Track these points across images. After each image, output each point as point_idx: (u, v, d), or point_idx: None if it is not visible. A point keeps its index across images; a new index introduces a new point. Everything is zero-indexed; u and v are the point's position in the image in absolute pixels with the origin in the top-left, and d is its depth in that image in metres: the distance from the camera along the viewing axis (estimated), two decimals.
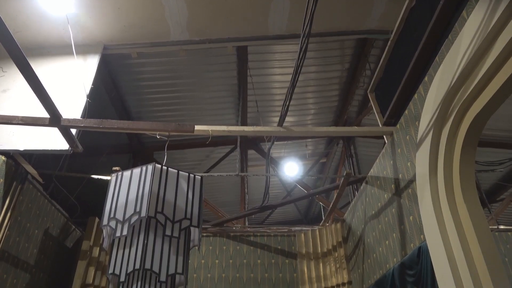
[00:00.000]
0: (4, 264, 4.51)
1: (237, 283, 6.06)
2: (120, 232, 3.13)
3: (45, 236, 5.42)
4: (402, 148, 3.87)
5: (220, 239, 6.46)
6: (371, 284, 4.68)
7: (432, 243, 3.03)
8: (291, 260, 6.26)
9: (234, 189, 9.50)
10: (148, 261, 3.03)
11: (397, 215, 3.95)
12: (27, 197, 4.96)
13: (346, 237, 5.91)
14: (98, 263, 5.68)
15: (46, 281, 5.46)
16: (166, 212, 3.21)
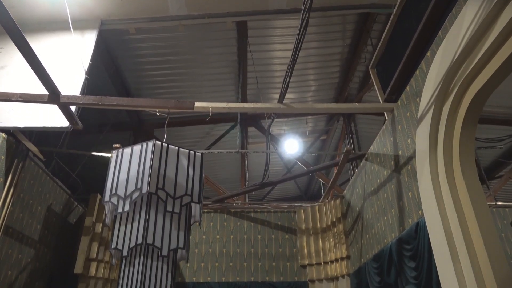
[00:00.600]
0: (8, 239, 4.58)
1: (238, 257, 6.18)
2: (122, 208, 3.17)
3: (48, 212, 5.49)
4: (402, 125, 3.86)
5: (220, 215, 6.55)
6: (369, 258, 4.77)
7: (430, 218, 3.07)
8: (290, 236, 6.37)
9: (234, 166, 9.55)
10: (150, 236, 3.08)
11: (396, 191, 3.99)
12: (29, 174, 4.99)
13: (345, 213, 5.98)
14: (101, 239, 5.77)
15: (51, 256, 5.57)
16: (167, 188, 3.24)
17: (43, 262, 5.38)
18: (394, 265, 3.93)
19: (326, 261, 5.92)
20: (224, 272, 6.06)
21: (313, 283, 5.92)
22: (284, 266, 6.12)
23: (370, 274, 4.61)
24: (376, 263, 4.46)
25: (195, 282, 5.96)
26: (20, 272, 4.83)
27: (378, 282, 4.34)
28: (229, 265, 6.12)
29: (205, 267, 6.10)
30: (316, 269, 5.96)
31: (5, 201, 4.39)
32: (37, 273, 5.23)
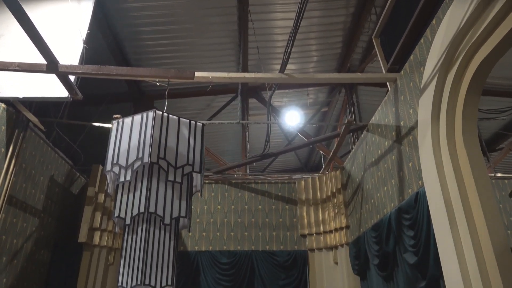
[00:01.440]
0: (13, 209, 4.65)
1: (239, 227, 6.28)
2: (123, 178, 3.19)
3: (51, 182, 5.54)
4: (405, 95, 3.83)
5: (222, 186, 6.61)
6: (368, 228, 4.84)
7: (430, 187, 3.09)
8: (291, 206, 6.45)
9: (235, 138, 9.55)
10: (152, 205, 3.11)
11: (396, 161, 4.00)
12: (30, 145, 5.00)
13: (345, 184, 6.03)
14: (104, 208, 5.85)
15: (55, 225, 5.67)
16: (168, 158, 3.25)
17: (48, 230, 5.48)
18: (392, 234, 4.00)
19: (326, 231, 6.03)
20: (226, 241, 6.18)
21: (312, 252, 6.04)
22: (284, 235, 6.23)
23: (369, 243, 4.70)
24: (375, 232, 4.53)
25: (197, 250, 6.09)
26: (25, 241, 4.93)
27: (377, 251, 4.43)
28: (230, 234, 6.23)
29: (206, 236, 6.22)
30: (316, 239, 6.08)
31: (7, 171, 4.42)
32: (42, 241, 5.33)
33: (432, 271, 3.16)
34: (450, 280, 2.82)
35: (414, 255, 3.47)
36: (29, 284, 5.01)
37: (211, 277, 5.85)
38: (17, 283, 4.72)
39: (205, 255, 6.02)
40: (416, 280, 3.48)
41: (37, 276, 5.19)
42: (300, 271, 5.91)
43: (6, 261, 4.54)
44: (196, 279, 5.90)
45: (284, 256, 6.00)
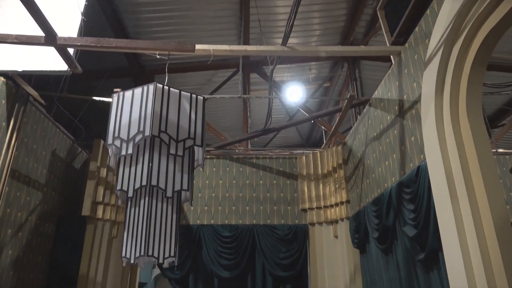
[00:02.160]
0: (16, 182, 4.68)
1: (240, 201, 6.34)
2: (125, 151, 3.19)
3: (53, 157, 5.55)
4: (409, 68, 3.77)
5: (223, 161, 6.63)
6: (368, 202, 4.88)
7: (432, 161, 3.09)
8: (292, 181, 6.48)
9: (236, 113, 9.52)
10: (154, 178, 3.13)
11: (398, 136, 3.98)
12: (31, 119, 4.98)
13: (346, 159, 6.04)
14: (106, 183, 5.90)
15: (58, 199, 5.73)
16: (170, 131, 3.24)
17: (51, 204, 5.54)
18: (393, 208, 4.03)
19: (326, 205, 6.08)
20: (227, 215, 6.26)
21: (313, 226, 6.12)
22: (285, 210, 6.30)
23: (369, 217, 4.74)
24: (375, 206, 4.57)
25: (199, 224, 6.17)
26: (29, 214, 4.99)
27: (377, 224, 4.48)
28: (232, 208, 6.30)
29: (208, 210, 6.28)
30: (316, 213, 6.14)
31: (9, 145, 4.43)
32: (46, 214, 5.40)
33: (431, 244, 3.20)
34: (449, 252, 2.86)
35: (413, 228, 3.50)
36: (35, 256, 5.10)
37: (213, 250, 5.95)
38: (22, 255, 4.82)
39: (207, 229, 6.11)
40: (415, 253, 3.53)
41: (42, 249, 5.29)
42: (300, 244, 6.01)
43: (12, 233, 4.61)
44: (198, 252, 6.01)
45: (285, 230, 6.08)
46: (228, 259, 5.90)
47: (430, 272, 3.40)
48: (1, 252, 4.42)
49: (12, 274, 4.60)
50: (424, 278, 3.49)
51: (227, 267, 5.87)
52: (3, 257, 4.45)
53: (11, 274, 4.58)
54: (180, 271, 5.89)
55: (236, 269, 5.86)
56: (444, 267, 3.05)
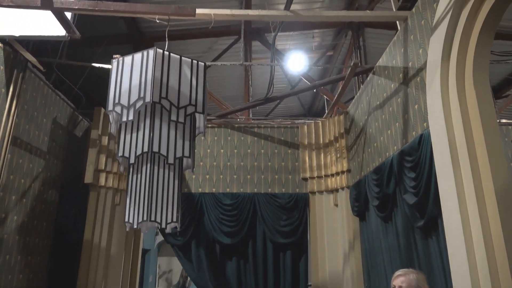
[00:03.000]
0: (18, 150, 4.69)
1: (242, 170, 6.38)
2: (126, 117, 3.17)
3: (54, 125, 5.54)
4: (415, 34, 3.67)
5: (224, 130, 6.61)
6: (369, 171, 4.90)
7: (435, 129, 3.06)
8: (293, 150, 6.49)
9: (238, 83, 9.41)
10: (155, 144, 3.12)
11: (402, 104, 3.94)
12: (30, 86, 4.93)
13: (348, 128, 6.01)
14: (108, 151, 5.91)
15: (61, 167, 5.76)
16: (171, 97, 3.20)
17: (54, 172, 5.58)
18: (394, 176, 4.04)
19: (327, 174, 6.11)
20: (229, 184, 6.31)
21: (313, 194, 6.17)
22: (286, 178, 6.34)
23: (370, 185, 4.77)
24: (376, 175, 4.58)
25: (200, 192, 6.23)
26: (32, 181, 5.03)
27: (377, 193, 4.51)
28: (233, 177, 6.34)
29: (210, 179, 6.33)
30: (317, 182, 6.18)
31: (9, 112, 4.40)
32: (49, 182, 5.45)
33: (431, 211, 3.23)
34: (449, 219, 2.88)
35: (414, 196, 3.53)
36: (39, 222, 5.19)
37: (214, 218, 6.04)
38: (27, 221, 4.90)
39: (208, 197, 6.17)
40: (415, 220, 3.57)
41: (46, 215, 5.37)
42: (301, 212, 6.09)
43: (16, 199, 4.67)
44: (200, 219, 6.10)
45: (286, 198, 6.15)
46: (230, 226, 6.00)
47: (428, 238, 3.45)
48: (6, 218, 4.49)
49: (18, 239, 4.70)
50: (422, 244, 3.55)
51: (228, 234, 5.98)
52: (8, 222, 4.53)
53: (17, 238, 4.68)
54: (182, 238, 6.01)
55: (237, 236, 5.97)
56: (442, 234, 3.10)
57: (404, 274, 2.57)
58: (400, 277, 2.56)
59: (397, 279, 2.57)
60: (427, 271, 3.41)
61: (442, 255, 3.19)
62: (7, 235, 4.50)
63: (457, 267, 2.76)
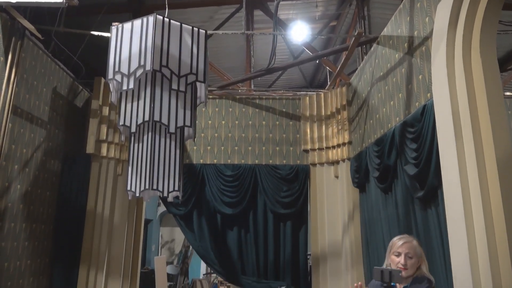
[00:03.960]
0: (19, 119, 4.68)
1: (243, 142, 6.38)
2: (126, 86, 3.14)
3: (54, 95, 5.50)
4: (421, 2, 3.57)
5: (226, 101, 6.57)
6: (370, 143, 4.89)
7: (439, 99, 3.03)
8: (294, 122, 6.47)
9: (239, 53, 9.25)
10: (156, 113, 3.10)
11: (406, 74, 3.89)
12: (29, 55, 4.86)
13: (350, 100, 5.96)
14: (109, 122, 5.90)
15: (62, 137, 5.76)
16: (171, 66, 3.15)
17: (56, 142, 5.59)
18: (395, 147, 4.04)
19: (328, 146, 6.11)
20: (230, 155, 6.33)
21: (314, 166, 6.20)
22: (287, 150, 6.35)
23: (370, 157, 4.78)
24: (377, 146, 4.58)
25: (202, 163, 6.26)
26: (34, 151, 5.05)
27: (378, 164, 4.52)
28: (235, 149, 6.35)
29: (211, 150, 6.35)
30: (318, 154, 6.20)
31: (9, 80, 4.36)
32: (51, 152, 5.47)
33: (431, 181, 3.24)
34: (449, 188, 2.90)
35: (414, 167, 3.54)
36: (43, 191, 5.25)
37: (216, 188, 6.10)
38: (31, 190, 4.95)
39: (210, 168, 6.21)
40: (414, 190, 3.60)
41: (49, 185, 5.42)
42: (301, 184, 6.13)
43: (18, 169, 4.70)
44: (202, 190, 6.16)
45: (287, 170, 6.18)
46: (231, 197, 6.07)
47: (427, 209, 3.49)
48: (10, 187, 4.54)
49: (22, 207, 4.77)
50: (421, 215, 3.59)
51: (229, 204, 6.05)
52: (12, 191, 4.58)
53: (21, 207, 4.75)
54: (184, 208, 6.09)
55: (238, 206, 6.05)
56: (442, 204, 3.13)
57: (409, 241, 2.35)
58: (406, 244, 2.33)
59: (403, 246, 2.32)
60: (425, 241, 3.47)
61: (440, 225, 3.23)
62: (11, 203, 4.56)
63: (455, 237, 2.80)
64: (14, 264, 4.60)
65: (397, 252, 2.33)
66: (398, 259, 2.31)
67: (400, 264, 2.28)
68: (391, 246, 2.39)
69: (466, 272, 2.64)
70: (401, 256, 2.30)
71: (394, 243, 2.38)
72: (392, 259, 2.34)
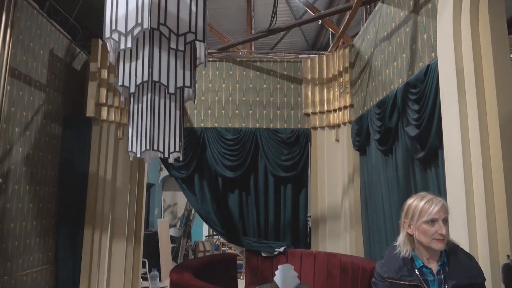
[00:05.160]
0: (16, 81, 4.63)
1: (244, 105, 6.34)
2: (124, 45, 3.07)
3: (52, 57, 5.41)
4: None
5: (226, 64, 6.47)
6: (372, 106, 4.85)
7: (443, 58, 2.97)
8: (296, 85, 6.39)
9: (240, 15, 9.01)
10: (155, 73, 3.05)
11: (410, 34, 3.79)
12: (24, 14, 4.73)
13: (353, 62, 5.86)
14: (108, 85, 5.84)
15: (62, 100, 5.72)
16: (169, 24, 3.06)
17: (55, 105, 5.55)
18: (397, 109, 4.01)
19: (330, 110, 6.08)
20: (231, 119, 6.31)
21: (315, 130, 6.19)
22: (288, 114, 6.32)
23: (372, 119, 4.75)
24: (379, 109, 4.55)
25: (203, 127, 6.25)
26: (34, 114, 5.03)
27: (379, 126, 4.50)
28: (235, 112, 6.32)
29: (212, 114, 6.32)
30: (319, 117, 6.17)
31: (4, 40, 4.26)
32: (51, 115, 5.45)
33: (432, 142, 3.24)
34: (450, 148, 2.90)
35: (416, 128, 3.52)
36: (44, 154, 5.27)
37: (217, 152, 6.13)
38: (32, 152, 4.97)
39: (210, 132, 6.21)
40: (415, 152, 3.60)
41: (51, 148, 5.44)
42: (302, 147, 6.15)
43: (19, 131, 4.70)
44: (203, 153, 6.19)
45: (288, 134, 6.18)
46: (232, 161, 6.10)
47: (427, 170, 3.50)
48: (11, 149, 4.55)
49: (25, 170, 4.81)
50: (421, 176, 3.61)
51: (230, 168, 6.10)
52: (14, 153, 4.60)
53: (24, 169, 4.79)
54: (185, 171, 6.14)
55: (239, 169, 6.10)
56: (442, 165, 3.14)
57: (441, 200, 1.76)
58: (443, 206, 1.73)
59: (441, 211, 1.70)
60: None
61: (439, 186, 3.25)
62: (14, 166, 4.59)
63: (454, 197, 2.83)
64: (20, 225, 4.70)
65: (432, 218, 1.70)
66: (433, 228, 1.69)
67: (438, 235, 1.69)
68: (419, 212, 1.73)
69: (463, 232, 2.69)
70: (438, 223, 1.70)
71: (424, 208, 1.72)
72: (422, 229, 1.71)
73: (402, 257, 1.77)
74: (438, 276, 1.73)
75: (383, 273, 1.79)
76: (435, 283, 1.72)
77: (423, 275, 1.73)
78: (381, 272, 1.81)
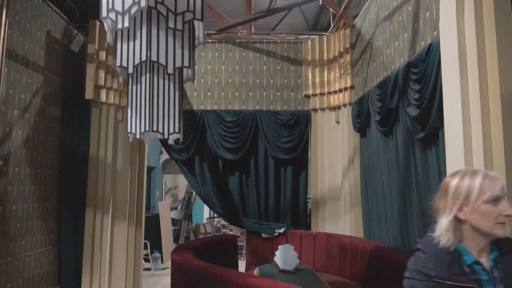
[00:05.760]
0: (14, 63, 4.58)
1: (243, 87, 6.30)
2: (121, 24, 3.02)
3: (49, 39, 5.34)
4: None
5: (225, 45, 6.39)
6: (373, 87, 4.82)
7: (446, 36, 2.92)
8: (296, 67, 6.33)
9: None
10: (154, 53, 3.02)
11: (412, 12, 3.72)
12: None
13: (354, 43, 5.78)
14: (107, 67, 5.78)
15: (60, 82, 5.68)
16: (167, 2, 3.02)
17: (54, 87, 5.52)
18: (398, 89, 3.98)
19: (330, 92, 6.04)
20: (230, 101, 6.27)
21: (315, 112, 6.16)
22: (288, 96, 6.28)
23: (372, 100, 4.73)
24: (379, 90, 4.51)
25: (202, 110, 6.23)
26: (33, 96, 5.00)
27: (379, 107, 4.48)
28: (235, 94, 6.28)
29: (211, 96, 6.28)
30: (319, 99, 6.13)
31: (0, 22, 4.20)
32: (50, 97, 5.42)
33: (433, 122, 3.22)
34: (450, 128, 2.88)
35: (416, 108, 3.50)
36: (44, 137, 5.27)
37: (217, 134, 6.12)
38: (32, 135, 4.97)
39: (210, 114, 6.18)
40: (415, 132, 3.59)
41: (50, 130, 5.43)
42: (302, 129, 6.13)
43: (18, 114, 4.68)
44: (203, 136, 6.18)
45: (288, 116, 6.15)
46: (232, 143, 6.10)
47: (427, 150, 3.50)
48: (11, 132, 4.54)
49: (25, 152, 4.81)
50: (421, 156, 3.61)
51: (230, 150, 6.10)
52: (13, 136, 4.59)
53: (24, 152, 4.79)
54: (185, 154, 6.14)
55: (239, 152, 6.10)
56: (442, 145, 3.13)
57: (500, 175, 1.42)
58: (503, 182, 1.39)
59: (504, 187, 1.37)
60: (424, 182, 3.52)
61: (439, 166, 3.25)
62: (13, 148, 4.59)
63: None
64: (21, 207, 4.73)
65: (495, 196, 1.34)
66: (497, 208, 1.34)
67: (503, 217, 1.34)
68: (478, 189, 1.35)
69: None
70: (503, 202, 1.35)
71: (484, 184, 1.35)
72: (483, 211, 1.34)
73: (449, 251, 1.37)
74: (491, 275, 1.35)
75: (429, 271, 1.35)
76: (490, 283, 1.33)
77: (475, 273, 1.34)
78: (424, 270, 1.36)
